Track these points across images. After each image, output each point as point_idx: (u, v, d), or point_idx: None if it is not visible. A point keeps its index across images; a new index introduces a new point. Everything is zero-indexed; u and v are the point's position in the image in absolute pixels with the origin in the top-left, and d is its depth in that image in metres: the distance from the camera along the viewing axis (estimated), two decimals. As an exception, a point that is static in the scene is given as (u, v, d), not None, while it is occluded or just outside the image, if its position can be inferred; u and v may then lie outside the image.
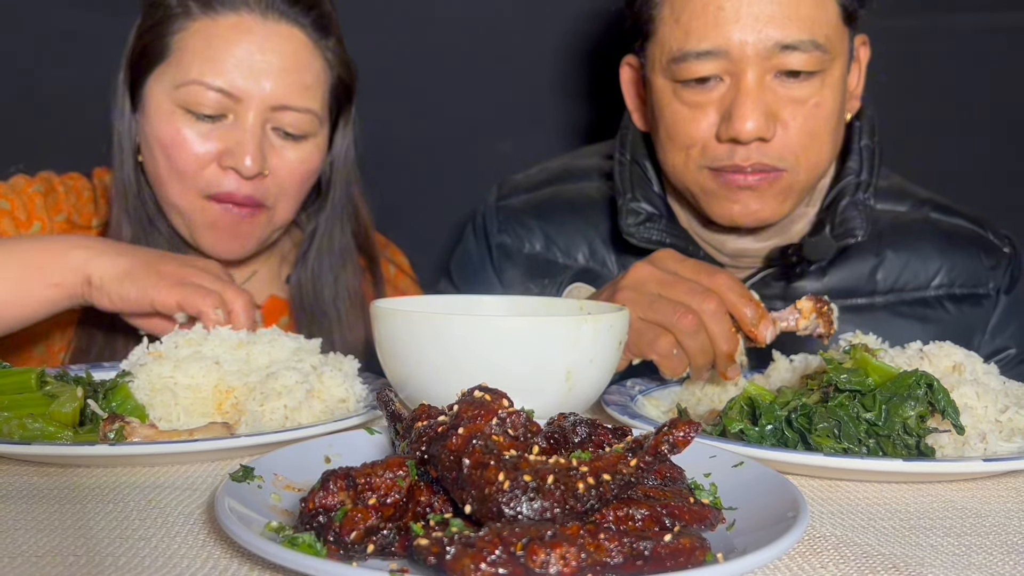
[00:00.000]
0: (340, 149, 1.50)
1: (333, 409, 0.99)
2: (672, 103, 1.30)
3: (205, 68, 1.32)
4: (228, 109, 1.33)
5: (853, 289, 1.41)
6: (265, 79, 1.33)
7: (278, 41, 1.34)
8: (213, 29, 1.33)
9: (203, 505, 0.75)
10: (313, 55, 1.38)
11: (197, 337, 1.03)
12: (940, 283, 1.41)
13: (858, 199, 1.35)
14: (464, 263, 1.60)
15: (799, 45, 1.22)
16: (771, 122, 1.24)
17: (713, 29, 1.22)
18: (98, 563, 0.62)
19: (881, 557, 0.66)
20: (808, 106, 1.25)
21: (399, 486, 0.63)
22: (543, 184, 1.57)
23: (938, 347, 0.97)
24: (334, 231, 1.52)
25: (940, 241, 1.42)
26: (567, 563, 0.52)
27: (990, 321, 1.43)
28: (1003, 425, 0.90)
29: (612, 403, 1.01)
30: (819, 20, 1.23)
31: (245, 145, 1.33)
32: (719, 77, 1.25)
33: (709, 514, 0.64)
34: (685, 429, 0.64)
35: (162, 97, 1.35)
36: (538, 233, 1.53)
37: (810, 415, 0.87)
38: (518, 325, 0.87)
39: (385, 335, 0.93)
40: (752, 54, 1.22)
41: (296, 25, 1.36)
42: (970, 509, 0.78)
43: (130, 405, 0.96)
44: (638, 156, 1.44)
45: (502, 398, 0.68)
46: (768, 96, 1.24)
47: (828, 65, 1.25)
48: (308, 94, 1.37)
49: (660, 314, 1.05)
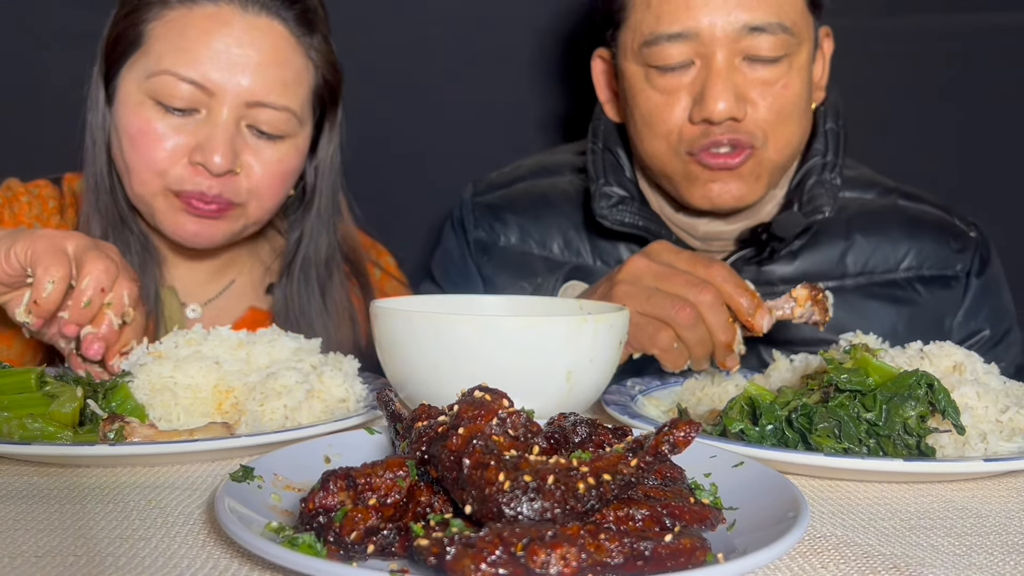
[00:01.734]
0: (325, 154, 1.45)
1: (333, 409, 0.99)
2: (645, 89, 1.33)
3: (178, 58, 1.27)
4: (201, 103, 1.28)
5: (824, 273, 1.44)
6: (241, 73, 1.27)
7: (257, 35, 1.29)
8: (189, 18, 1.28)
9: (203, 505, 0.74)
10: (294, 51, 1.33)
11: (197, 337, 1.03)
12: (909, 265, 1.45)
13: (824, 178, 1.39)
14: (445, 261, 1.62)
15: (767, 27, 1.25)
16: (741, 103, 1.27)
17: (684, 12, 1.26)
18: (98, 563, 0.62)
19: (882, 557, 0.66)
20: (776, 87, 1.29)
21: (399, 486, 0.63)
22: (517, 180, 1.61)
23: (938, 347, 0.97)
24: (319, 240, 1.47)
25: (908, 226, 1.46)
26: (567, 563, 0.52)
27: (963, 304, 1.46)
28: (1004, 425, 0.90)
29: (612, 403, 1.01)
30: (786, 4, 1.27)
31: (216, 141, 1.27)
32: (691, 62, 1.28)
33: (710, 514, 0.64)
34: (686, 429, 0.64)
35: (133, 87, 1.30)
36: (513, 226, 1.55)
37: (810, 415, 0.87)
38: (518, 325, 0.87)
39: (385, 335, 0.93)
40: (721, 35, 1.25)
41: (277, 19, 1.31)
42: (971, 509, 0.78)
43: (130, 405, 0.96)
44: (610, 144, 1.47)
45: (502, 398, 0.68)
46: (738, 78, 1.27)
47: (795, 49, 1.29)
48: (287, 91, 1.32)
49: (658, 308, 1.07)
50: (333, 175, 1.47)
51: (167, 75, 1.27)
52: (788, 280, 1.42)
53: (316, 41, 1.36)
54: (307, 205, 1.47)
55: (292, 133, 1.35)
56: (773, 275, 1.43)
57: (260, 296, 1.51)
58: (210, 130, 1.28)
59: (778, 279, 1.43)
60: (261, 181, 1.33)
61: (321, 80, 1.38)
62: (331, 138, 1.45)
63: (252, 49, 1.28)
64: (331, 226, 1.48)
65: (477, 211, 1.58)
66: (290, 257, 1.47)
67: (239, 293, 1.49)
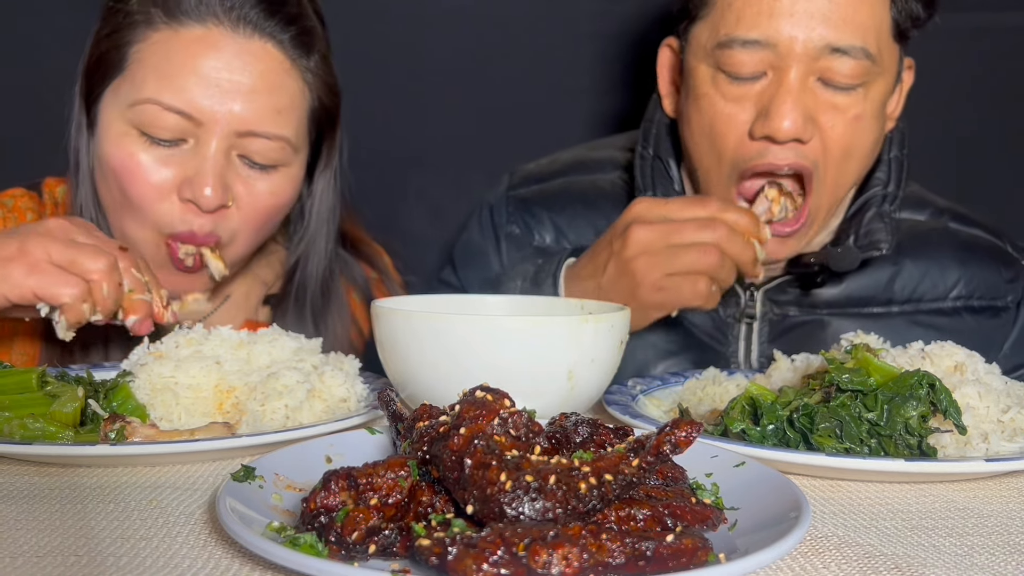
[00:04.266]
0: (323, 179, 1.37)
1: (334, 409, 0.99)
2: (710, 93, 1.27)
3: (162, 85, 1.18)
4: (188, 133, 1.19)
5: (870, 298, 1.39)
6: (232, 101, 1.18)
7: (249, 59, 1.20)
8: (175, 42, 1.19)
9: (204, 505, 0.74)
10: (289, 75, 1.24)
11: (198, 337, 1.03)
12: (958, 294, 1.40)
13: (884, 211, 1.33)
14: (467, 250, 1.58)
15: (849, 50, 1.19)
16: (809, 124, 1.21)
17: (765, 19, 1.20)
18: (99, 563, 0.62)
19: (883, 557, 0.66)
20: (848, 116, 1.22)
21: (401, 486, 0.63)
22: (555, 174, 1.55)
23: (940, 347, 0.97)
24: (315, 266, 1.40)
25: (959, 252, 1.41)
26: (569, 563, 0.52)
27: (1010, 335, 1.42)
28: (1005, 425, 0.90)
29: (613, 403, 1.01)
30: (872, 29, 1.20)
31: (205, 174, 1.18)
32: (763, 73, 1.23)
33: (711, 514, 0.64)
34: (687, 429, 0.64)
35: (115, 115, 1.21)
36: (548, 224, 1.51)
37: (812, 415, 0.87)
38: (520, 325, 0.87)
39: (386, 335, 0.93)
40: (800, 51, 1.19)
41: (272, 41, 1.22)
42: (972, 509, 0.78)
43: (131, 405, 0.96)
44: (661, 152, 1.41)
45: (504, 398, 0.68)
46: (808, 98, 1.21)
47: (874, 78, 1.23)
48: (280, 119, 1.23)
49: (687, 263, 1.12)
50: (331, 201, 1.40)
51: (151, 104, 1.18)
52: (832, 304, 1.38)
53: (313, 63, 1.28)
54: (303, 233, 1.40)
55: (286, 162, 1.27)
56: (818, 299, 1.38)
57: (257, 308, 1.46)
58: (199, 163, 1.19)
59: (823, 303, 1.39)
60: (252, 214, 1.25)
61: (317, 103, 1.30)
62: (328, 161, 1.38)
63: (243, 74, 1.19)
64: (328, 252, 1.41)
65: (511, 205, 1.53)
66: (286, 281, 1.42)
67: (235, 307, 1.44)
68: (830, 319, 1.38)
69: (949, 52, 1.88)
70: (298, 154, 1.29)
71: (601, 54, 1.90)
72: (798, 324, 1.39)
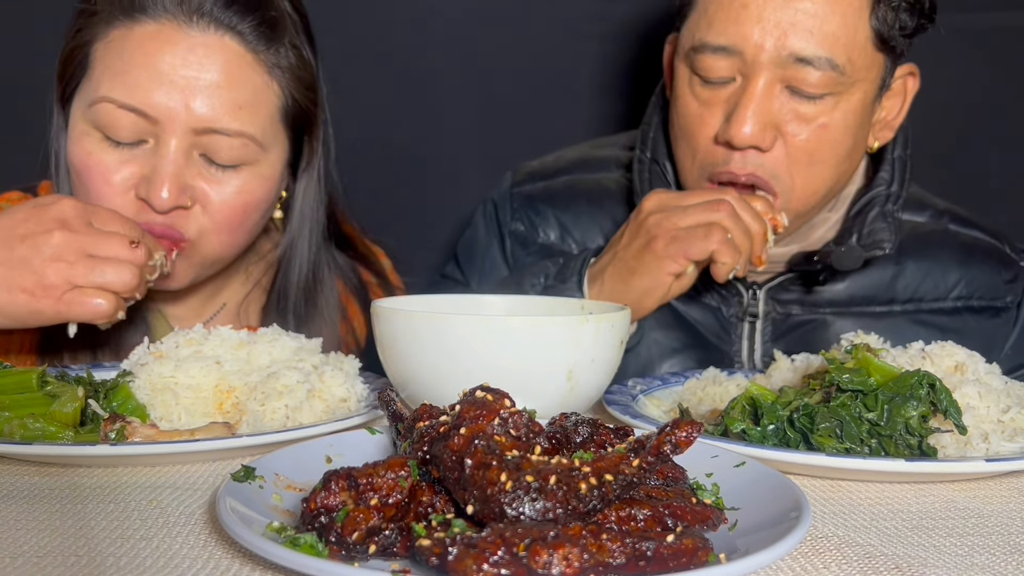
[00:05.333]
0: (306, 178, 1.32)
1: (334, 409, 0.99)
2: (686, 94, 1.30)
3: (116, 84, 1.14)
4: (146, 133, 1.16)
5: (873, 297, 1.40)
6: (188, 97, 1.14)
7: (206, 52, 1.15)
8: (129, 38, 1.15)
9: (204, 505, 0.74)
10: (252, 68, 1.19)
11: (198, 337, 1.03)
12: (959, 294, 1.41)
13: (887, 210, 1.34)
14: (471, 247, 1.58)
15: (814, 61, 1.19)
16: (770, 132, 1.22)
17: (733, 26, 1.21)
18: (99, 563, 0.62)
19: (884, 557, 0.66)
20: (814, 125, 1.23)
21: (401, 486, 0.63)
22: (560, 172, 1.55)
23: (940, 347, 0.97)
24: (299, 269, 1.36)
25: (959, 253, 1.42)
26: (569, 564, 0.52)
27: (1011, 335, 1.43)
28: (1005, 425, 0.90)
29: (614, 403, 1.01)
30: (844, 40, 1.20)
31: (161, 174, 1.14)
32: (733, 78, 1.24)
33: (711, 514, 0.64)
34: (687, 429, 0.64)
35: (78, 115, 1.18)
36: (553, 222, 1.51)
37: (812, 415, 0.87)
38: (520, 325, 0.87)
39: (386, 335, 0.93)
40: (766, 59, 1.20)
41: (231, 33, 1.17)
42: (972, 509, 0.78)
43: (131, 405, 0.96)
44: (658, 155, 1.42)
45: (504, 398, 0.68)
46: (773, 105, 1.22)
47: (843, 89, 1.22)
48: (242, 115, 1.17)
49: (699, 215, 1.15)
50: (314, 199, 1.34)
51: (105, 102, 1.15)
52: (835, 303, 1.39)
53: (281, 55, 1.22)
54: (286, 234, 1.36)
55: (252, 160, 1.21)
56: (821, 298, 1.39)
57: (256, 315, 1.43)
58: (156, 162, 1.16)
59: (825, 302, 1.40)
60: (219, 214, 1.21)
61: (289, 99, 1.24)
62: (310, 161, 1.32)
63: (200, 69, 1.15)
64: (310, 256, 1.37)
65: (516, 202, 1.53)
66: (281, 284, 1.38)
67: (231, 316, 1.42)
68: (833, 318, 1.40)
69: (949, 52, 1.88)
70: (268, 152, 1.23)
71: (600, 55, 1.90)
72: (801, 323, 1.40)
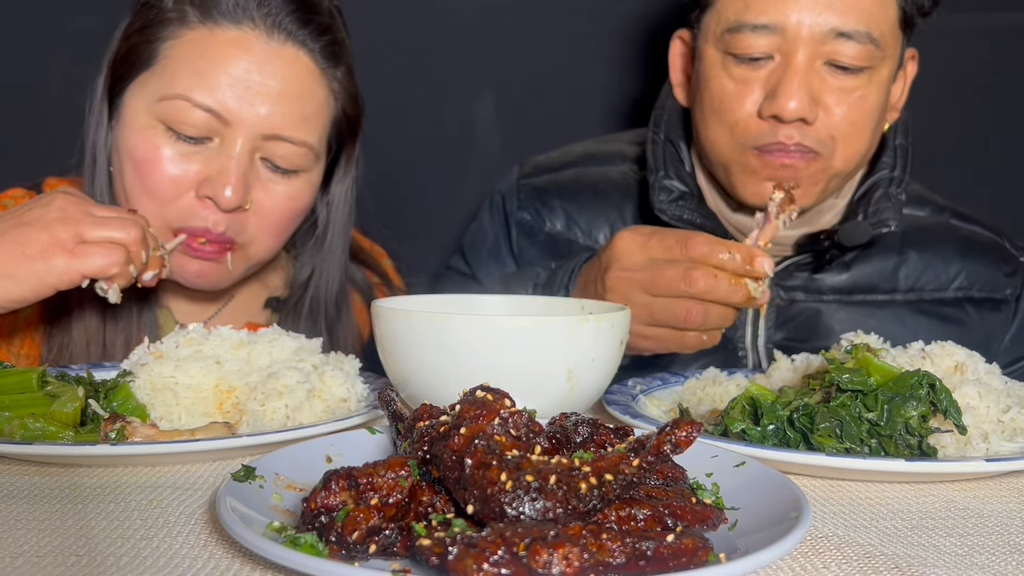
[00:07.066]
0: (339, 189, 1.38)
1: (334, 409, 0.99)
2: (719, 75, 1.31)
3: (194, 83, 1.20)
4: (215, 132, 1.21)
5: (875, 286, 1.44)
6: (261, 103, 1.21)
7: (280, 64, 1.22)
8: (210, 41, 1.21)
9: (204, 505, 0.74)
10: (318, 84, 1.27)
11: (198, 337, 1.03)
12: (959, 286, 1.45)
13: (891, 192, 1.38)
14: (477, 240, 1.61)
15: (854, 35, 1.24)
16: (814, 106, 1.25)
17: (773, 4, 1.25)
18: (99, 563, 0.62)
19: (883, 557, 0.66)
20: (853, 97, 1.27)
21: (401, 486, 0.63)
22: (566, 165, 1.58)
23: (940, 347, 0.97)
24: (331, 277, 1.41)
25: (960, 246, 1.46)
26: (570, 563, 0.52)
27: (1010, 328, 1.46)
28: (1005, 425, 0.90)
29: (614, 403, 1.01)
30: (878, 16, 1.25)
31: (228, 173, 1.20)
32: (770, 56, 1.27)
33: (711, 514, 0.64)
34: (687, 429, 0.64)
35: (141, 108, 1.23)
36: (559, 212, 1.53)
37: (812, 415, 0.87)
38: (520, 325, 0.87)
39: (386, 335, 0.93)
40: (807, 35, 1.24)
41: (303, 49, 1.25)
42: (972, 509, 0.78)
43: (131, 405, 0.96)
44: (672, 135, 1.45)
45: (504, 398, 0.68)
46: (815, 80, 1.26)
47: (878, 63, 1.27)
48: (306, 126, 1.25)
49: (668, 319, 1.08)
50: (347, 210, 1.40)
51: (181, 100, 1.20)
52: (838, 290, 1.42)
53: (340, 73, 1.31)
54: (318, 242, 1.41)
55: (307, 168, 1.29)
56: (823, 284, 1.43)
57: (258, 310, 1.46)
58: (223, 161, 1.21)
59: (828, 288, 1.43)
60: (269, 218, 1.27)
61: (341, 113, 1.33)
62: (347, 171, 1.39)
63: (274, 79, 1.22)
64: (343, 262, 1.42)
65: (523, 193, 1.56)
66: (299, 293, 1.42)
67: (237, 309, 1.44)
68: (836, 306, 1.42)
69: (950, 52, 1.88)
70: (319, 161, 1.31)
71: (603, 53, 1.90)
72: (804, 310, 1.43)
